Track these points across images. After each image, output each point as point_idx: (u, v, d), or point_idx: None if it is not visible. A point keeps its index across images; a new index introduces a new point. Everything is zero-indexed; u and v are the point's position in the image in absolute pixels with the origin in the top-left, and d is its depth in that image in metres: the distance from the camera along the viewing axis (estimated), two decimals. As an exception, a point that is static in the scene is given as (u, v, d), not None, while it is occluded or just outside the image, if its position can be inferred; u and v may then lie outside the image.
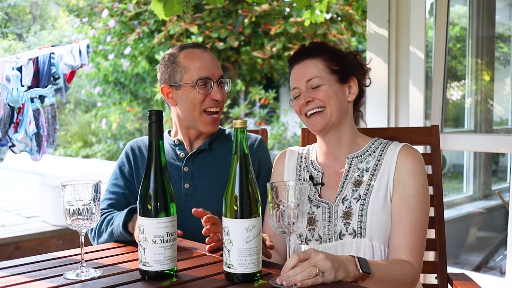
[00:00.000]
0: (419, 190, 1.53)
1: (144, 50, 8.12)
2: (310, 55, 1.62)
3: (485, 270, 3.61)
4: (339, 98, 1.60)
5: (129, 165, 1.85)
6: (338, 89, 1.60)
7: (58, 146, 10.62)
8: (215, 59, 1.83)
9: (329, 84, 1.59)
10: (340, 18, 7.63)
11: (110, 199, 1.82)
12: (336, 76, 1.60)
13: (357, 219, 1.53)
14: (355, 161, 1.62)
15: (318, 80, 1.59)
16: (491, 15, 4.13)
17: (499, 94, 4.30)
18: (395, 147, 1.59)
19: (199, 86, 1.76)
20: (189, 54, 1.79)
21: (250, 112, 8.84)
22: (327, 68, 1.60)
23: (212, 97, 1.78)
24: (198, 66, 1.77)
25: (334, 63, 1.61)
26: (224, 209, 1.23)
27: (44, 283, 1.25)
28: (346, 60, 1.64)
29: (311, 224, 1.59)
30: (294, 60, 1.65)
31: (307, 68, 1.61)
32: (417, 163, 1.55)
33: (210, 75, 1.78)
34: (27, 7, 14.73)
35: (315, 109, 1.59)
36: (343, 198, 1.58)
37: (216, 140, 1.89)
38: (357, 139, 1.65)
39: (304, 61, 1.62)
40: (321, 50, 1.63)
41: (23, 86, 3.99)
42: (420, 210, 1.52)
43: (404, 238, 1.49)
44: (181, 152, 1.85)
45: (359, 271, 1.27)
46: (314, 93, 1.59)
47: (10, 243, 4.18)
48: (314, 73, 1.59)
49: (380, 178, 1.56)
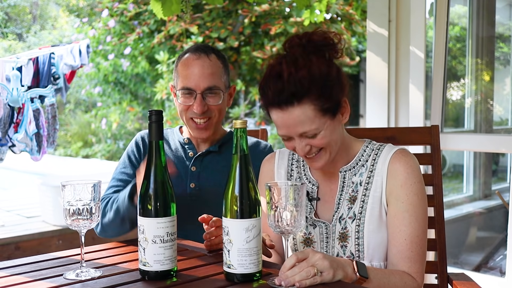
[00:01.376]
0: (412, 203, 1.42)
1: (144, 50, 8.11)
2: (294, 100, 1.34)
3: (485, 270, 3.61)
4: (336, 133, 1.43)
5: (138, 154, 1.86)
6: (333, 125, 1.41)
7: (58, 146, 10.61)
8: (206, 68, 1.74)
9: (325, 127, 1.39)
10: (340, 18, 7.62)
11: (117, 186, 1.81)
12: (329, 114, 1.39)
13: (354, 242, 1.46)
14: (348, 174, 1.51)
15: (313, 131, 1.38)
16: (491, 15, 4.13)
17: (499, 94, 4.30)
18: (387, 154, 1.48)
19: (182, 95, 1.76)
20: (185, 60, 1.79)
21: (250, 112, 8.84)
22: (318, 111, 1.36)
23: (193, 109, 1.76)
24: (185, 74, 1.76)
25: (323, 99, 1.36)
26: (224, 209, 1.23)
27: (44, 283, 1.25)
28: (334, 85, 1.39)
29: (308, 245, 1.52)
30: (274, 103, 1.37)
31: (296, 119, 1.36)
32: (410, 173, 1.44)
33: (193, 86, 1.74)
34: (27, 7, 14.72)
35: (313, 153, 1.44)
36: (339, 217, 1.49)
37: (226, 143, 1.88)
38: (349, 150, 1.53)
39: (289, 109, 1.35)
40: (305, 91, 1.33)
41: (23, 86, 3.99)
42: (416, 223, 1.42)
43: (400, 255, 1.42)
44: (190, 151, 1.85)
45: (356, 275, 1.26)
46: (312, 142, 1.40)
47: (10, 243, 4.17)
48: (308, 125, 1.36)
49: (373, 193, 1.46)
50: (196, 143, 1.87)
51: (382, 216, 1.46)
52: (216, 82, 1.76)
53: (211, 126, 1.80)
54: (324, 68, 1.37)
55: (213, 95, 1.76)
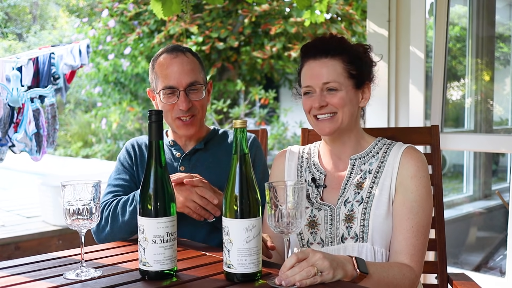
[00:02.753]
0: (421, 194, 1.49)
1: (144, 50, 8.11)
2: (329, 53, 1.52)
3: (485, 270, 3.61)
4: (352, 105, 1.54)
5: (130, 160, 1.86)
6: (353, 95, 1.54)
7: (58, 146, 10.62)
8: (185, 65, 1.78)
9: (346, 90, 1.52)
10: (340, 18, 7.63)
11: (114, 191, 1.79)
12: (353, 81, 1.53)
13: (359, 223, 1.50)
14: (358, 162, 1.59)
15: (335, 84, 1.51)
16: (491, 15, 4.13)
17: (499, 94, 4.30)
18: (398, 148, 1.56)
19: (165, 95, 1.77)
20: (162, 61, 1.80)
21: (250, 112, 8.84)
22: (346, 72, 1.52)
23: (178, 107, 1.77)
24: (165, 74, 1.78)
25: (353, 66, 1.53)
26: (224, 209, 1.23)
27: (44, 283, 1.25)
28: (364, 63, 1.57)
29: (312, 228, 1.56)
30: (310, 54, 1.55)
31: (325, 68, 1.51)
32: (420, 166, 1.52)
33: (175, 84, 1.76)
34: (27, 7, 14.72)
35: (325, 115, 1.53)
36: (345, 200, 1.55)
37: (211, 140, 1.90)
38: (361, 140, 1.62)
39: (322, 59, 1.52)
40: (341, 50, 1.53)
41: (23, 86, 3.99)
42: (422, 214, 1.49)
43: (405, 243, 1.47)
44: (177, 152, 1.86)
45: (357, 271, 1.27)
46: (329, 98, 1.52)
47: (10, 243, 4.18)
48: (333, 77, 1.51)
49: (383, 181, 1.53)
50: (182, 143, 1.88)
51: (390, 204, 1.51)
52: (197, 77, 1.80)
53: (197, 122, 1.82)
54: (361, 49, 1.59)
55: (195, 91, 1.79)
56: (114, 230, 1.67)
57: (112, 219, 1.67)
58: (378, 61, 1.66)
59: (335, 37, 1.58)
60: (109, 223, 1.67)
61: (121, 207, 1.66)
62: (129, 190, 1.79)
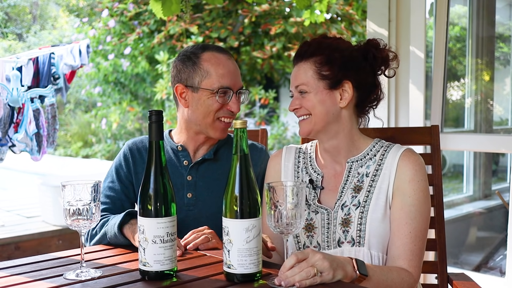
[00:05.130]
0: (419, 198, 1.48)
1: (144, 50, 8.11)
2: (304, 57, 1.55)
3: (485, 270, 3.61)
4: (325, 106, 1.53)
5: (127, 169, 1.78)
6: (325, 96, 1.53)
7: (58, 146, 10.62)
8: (237, 68, 1.75)
9: (316, 91, 1.53)
10: (340, 18, 7.63)
11: (105, 203, 1.75)
12: (325, 82, 1.52)
13: (356, 227, 1.49)
14: (355, 165, 1.57)
15: (304, 87, 1.54)
16: (491, 15, 4.13)
17: (499, 94, 4.30)
18: (396, 151, 1.54)
19: (219, 94, 1.69)
20: (213, 58, 1.70)
21: (250, 112, 8.84)
22: (316, 73, 1.53)
23: (229, 108, 1.71)
24: (221, 73, 1.69)
25: (325, 67, 1.52)
26: (224, 209, 1.23)
27: (44, 283, 1.25)
28: (342, 62, 1.53)
29: (309, 231, 1.55)
30: (294, 60, 1.61)
31: (298, 72, 1.56)
32: (418, 170, 1.50)
33: (232, 85, 1.70)
34: (27, 7, 14.72)
35: (302, 116, 1.56)
36: (342, 204, 1.53)
37: (221, 147, 1.83)
38: (357, 142, 1.59)
39: (298, 63, 1.57)
40: (313, 52, 1.54)
41: (23, 86, 3.99)
42: (420, 219, 1.48)
43: (403, 248, 1.46)
44: (184, 159, 1.78)
45: (356, 273, 1.27)
46: (301, 100, 1.55)
47: (10, 243, 4.18)
48: (302, 80, 1.54)
49: (380, 184, 1.51)
50: (192, 150, 1.79)
51: (387, 208, 1.50)
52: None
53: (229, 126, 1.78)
54: (344, 46, 1.56)
55: (242, 95, 1.76)
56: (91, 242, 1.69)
57: (91, 236, 1.69)
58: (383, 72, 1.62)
59: (315, 39, 1.59)
60: (89, 236, 1.70)
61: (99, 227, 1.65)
62: (119, 204, 1.75)
